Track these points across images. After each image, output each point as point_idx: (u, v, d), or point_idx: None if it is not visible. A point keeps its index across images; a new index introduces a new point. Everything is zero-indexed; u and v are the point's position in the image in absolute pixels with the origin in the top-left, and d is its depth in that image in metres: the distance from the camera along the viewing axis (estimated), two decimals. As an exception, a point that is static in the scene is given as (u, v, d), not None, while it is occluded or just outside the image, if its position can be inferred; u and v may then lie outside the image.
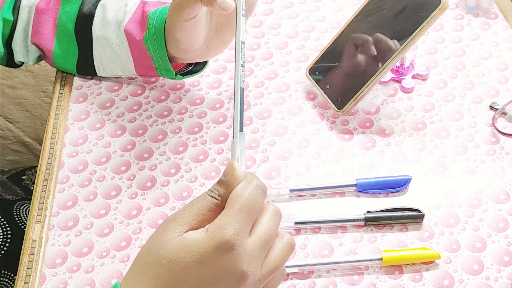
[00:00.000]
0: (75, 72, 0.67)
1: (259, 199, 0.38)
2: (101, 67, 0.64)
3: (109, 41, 0.61)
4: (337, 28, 0.71)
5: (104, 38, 0.61)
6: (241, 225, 0.37)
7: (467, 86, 0.65)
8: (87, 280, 0.52)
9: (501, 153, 0.59)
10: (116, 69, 0.64)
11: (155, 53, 0.58)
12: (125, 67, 0.63)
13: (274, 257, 0.39)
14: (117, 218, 0.56)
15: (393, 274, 0.51)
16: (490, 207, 0.54)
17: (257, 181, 0.39)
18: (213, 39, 0.58)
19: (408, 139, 0.61)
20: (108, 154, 0.61)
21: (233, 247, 0.36)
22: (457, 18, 0.72)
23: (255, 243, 0.37)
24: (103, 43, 0.62)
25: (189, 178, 0.59)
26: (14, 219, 0.80)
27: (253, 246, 0.37)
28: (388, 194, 0.56)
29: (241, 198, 0.37)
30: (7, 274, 0.77)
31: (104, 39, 0.62)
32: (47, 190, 0.58)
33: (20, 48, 0.66)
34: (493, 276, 0.50)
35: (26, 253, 0.54)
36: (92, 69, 0.65)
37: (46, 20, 0.64)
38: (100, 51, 0.63)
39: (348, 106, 0.61)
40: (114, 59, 0.63)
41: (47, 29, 0.64)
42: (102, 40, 0.62)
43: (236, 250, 0.36)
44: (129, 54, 0.61)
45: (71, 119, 0.65)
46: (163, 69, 0.60)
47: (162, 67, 0.60)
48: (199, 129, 0.63)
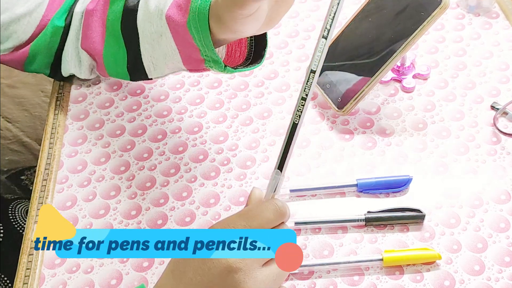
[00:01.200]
0: (128, 77, 0.60)
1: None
2: (151, 66, 0.57)
3: (153, 35, 0.54)
4: (337, 27, 0.71)
5: (149, 32, 0.55)
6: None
7: (468, 86, 0.65)
8: (86, 280, 0.52)
9: (502, 153, 0.58)
10: (166, 66, 0.57)
11: (200, 40, 0.50)
12: (173, 62, 0.55)
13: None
14: (117, 219, 0.56)
15: (394, 274, 0.50)
16: (491, 208, 0.54)
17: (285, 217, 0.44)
18: (269, 13, 0.49)
19: (409, 139, 0.60)
20: (108, 154, 0.61)
21: (241, 269, 0.39)
22: (458, 18, 0.72)
23: (267, 272, 0.41)
24: (149, 38, 0.55)
25: (188, 178, 0.59)
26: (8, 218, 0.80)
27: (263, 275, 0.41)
28: (389, 194, 0.56)
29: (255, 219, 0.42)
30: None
31: (149, 33, 0.55)
32: (46, 190, 0.58)
33: (71, 57, 0.63)
34: (494, 277, 0.50)
35: (25, 253, 0.54)
36: (143, 71, 0.58)
37: (95, 22, 0.60)
38: (147, 48, 0.56)
39: (349, 106, 0.61)
40: (162, 55, 0.55)
41: (96, 31, 0.60)
42: (147, 36, 0.55)
43: (242, 272, 0.40)
44: (174, 46, 0.53)
45: (70, 119, 0.65)
46: (211, 60, 0.52)
47: (210, 58, 0.52)
48: (198, 129, 0.63)
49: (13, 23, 0.61)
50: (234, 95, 0.66)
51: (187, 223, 0.55)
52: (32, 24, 0.62)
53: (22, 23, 0.61)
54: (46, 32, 0.62)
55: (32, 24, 0.62)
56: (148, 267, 0.52)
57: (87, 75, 0.65)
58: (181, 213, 0.56)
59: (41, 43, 0.63)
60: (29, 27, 0.62)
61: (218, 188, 0.58)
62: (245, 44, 0.56)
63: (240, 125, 0.63)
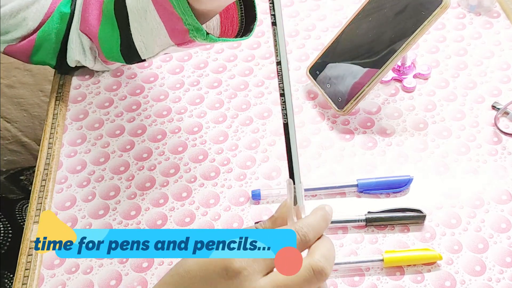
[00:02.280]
0: (123, 60, 0.61)
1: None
2: (142, 46, 0.58)
3: (140, 11, 0.55)
4: (338, 27, 0.71)
5: (136, 9, 0.56)
6: (256, 259, 0.36)
7: (469, 86, 0.64)
8: (85, 281, 0.52)
9: (503, 153, 0.58)
10: (155, 43, 0.57)
11: (179, 8, 0.51)
12: (160, 37, 0.56)
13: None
14: (116, 219, 0.56)
15: (394, 275, 0.50)
16: (492, 208, 0.54)
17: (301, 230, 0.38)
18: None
19: (410, 139, 0.60)
20: (107, 154, 0.61)
21: (238, 275, 0.36)
22: (459, 17, 0.72)
23: (266, 284, 0.36)
24: (137, 16, 0.56)
25: (188, 178, 0.58)
26: (16, 218, 0.80)
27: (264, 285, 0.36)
28: (389, 195, 0.56)
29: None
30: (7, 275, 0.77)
31: (136, 11, 0.56)
32: (45, 191, 0.58)
33: (76, 44, 0.63)
34: (495, 277, 0.49)
35: (24, 254, 0.53)
36: (135, 52, 0.59)
37: (92, 5, 0.61)
38: (136, 27, 0.57)
39: (349, 106, 0.61)
40: (149, 32, 0.56)
41: (93, 14, 0.60)
42: (135, 13, 0.56)
43: (239, 280, 0.36)
44: (159, 20, 0.54)
45: (69, 119, 0.65)
46: (194, 28, 0.52)
47: (192, 26, 0.51)
48: (198, 129, 0.63)
49: (22, 11, 0.61)
50: (234, 95, 0.66)
51: (187, 224, 0.55)
52: (41, 12, 0.63)
53: (31, 10, 0.62)
54: (52, 18, 0.63)
55: (41, 12, 0.63)
56: (147, 268, 0.52)
57: (92, 63, 0.65)
58: (180, 214, 0.56)
59: (48, 30, 0.63)
60: (38, 14, 0.62)
61: (218, 189, 0.57)
62: (237, 21, 0.56)
63: (240, 125, 0.63)
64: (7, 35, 0.63)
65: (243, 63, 0.69)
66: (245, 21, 0.56)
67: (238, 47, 0.71)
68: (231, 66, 0.69)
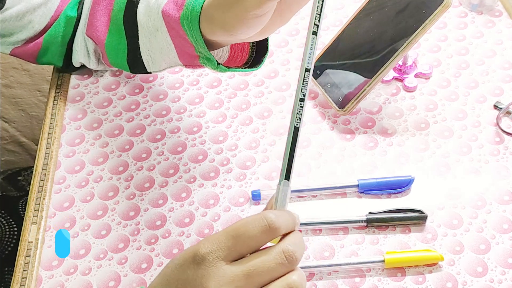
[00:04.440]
0: (128, 68, 0.60)
1: (256, 231, 0.37)
2: (149, 60, 0.58)
3: (151, 29, 0.55)
4: (338, 26, 0.70)
5: (146, 26, 0.55)
6: (220, 245, 0.37)
7: (470, 85, 0.64)
8: (84, 282, 0.51)
9: (505, 153, 0.58)
10: (162, 60, 0.57)
11: (192, 37, 0.50)
12: (169, 57, 0.55)
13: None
14: (115, 220, 0.55)
15: (396, 276, 0.50)
16: (494, 208, 0.54)
17: (267, 220, 0.37)
18: (272, 19, 0.48)
19: (411, 139, 0.60)
20: (106, 154, 0.61)
21: (204, 261, 0.37)
22: (460, 16, 0.72)
23: (235, 269, 0.36)
24: (147, 32, 0.55)
25: (187, 178, 0.58)
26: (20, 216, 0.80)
27: (230, 271, 0.36)
28: (391, 195, 0.56)
29: (235, 223, 0.38)
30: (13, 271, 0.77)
31: (147, 27, 0.55)
32: (43, 191, 0.57)
33: (80, 47, 0.63)
34: (497, 279, 0.49)
35: (22, 255, 0.53)
36: (142, 65, 0.59)
37: (100, 11, 0.60)
38: (145, 42, 0.56)
39: (350, 106, 0.60)
40: (159, 50, 0.56)
41: (101, 21, 0.60)
42: (145, 29, 0.55)
43: (205, 266, 0.37)
44: (170, 41, 0.54)
45: (67, 119, 0.64)
46: (205, 57, 0.52)
47: (203, 55, 0.51)
48: (198, 129, 0.62)
49: (28, 13, 0.62)
50: (234, 95, 0.65)
51: (186, 224, 0.54)
52: (47, 15, 0.63)
53: (38, 13, 0.62)
54: (59, 22, 0.63)
55: (47, 15, 0.63)
56: (146, 269, 0.52)
57: (95, 65, 0.65)
58: (180, 214, 0.55)
59: (55, 34, 0.63)
60: (44, 17, 0.63)
61: (217, 189, 0.57)
62: (247, 49, 0.56)
63: (240, 125, 0.62)
64: (12, 36, 0.63)
65: (243, 62, 0.69)
66: (256, 50, 0.56)
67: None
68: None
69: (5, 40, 0.63)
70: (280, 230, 0.37)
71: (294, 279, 0.37)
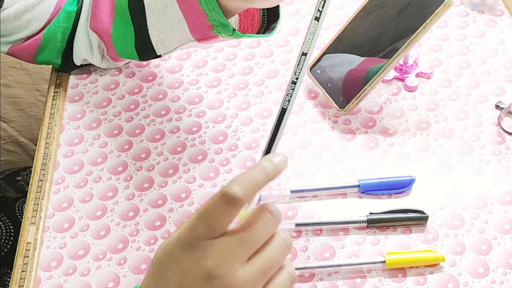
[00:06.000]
0: (137, 56, 0.60)
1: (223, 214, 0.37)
2: (159, 42, 0.57)
3: (159, 7, 0.55)
4: (339, 25, 0.70)
5: (154, 4, 0.55)
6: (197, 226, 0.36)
7: (472, 85, 0.64)
8: (83, 283, 0.51)
9: (507, 153, 0.58)
10: (173, 38, 0.56)
11: (206, 4, 0.50)
12: (181, 32, 0.55)
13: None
14: (114, 220, 0.55)
15: (397, 277, 0.50)
16: (495, 209, 0.53)
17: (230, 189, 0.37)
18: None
19: (412, 139, 0.60)
20: (105, 154, 0.60)
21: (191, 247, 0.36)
22: (461, 15, 0.71)
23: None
24: (155, 11, 0.55)
25: (187, 178, 0.58)
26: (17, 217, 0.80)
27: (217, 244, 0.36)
28: (391, 195, 0.55)
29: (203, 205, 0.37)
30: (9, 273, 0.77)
31: (155, 6, 0.55)
32: (42, 191, 0.57)
33: (83, 42, 0.63)
34: (499, 279, 0.49)
35: (20, 255, 0.53)
36: (151, 48, 0.58)
37: (103, 2, 0.60)
38: (154, 23, 0.56)
39: (350, 105, 0.60)
40: (169, 27, 0.55)
41: (104, 11, 0.60)
42: (153, 8, 0.55)
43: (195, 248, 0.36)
44: (181, 15, 0.53)
45: (66, 119, 0.64)
46: (219, 24, 0.51)
47: (218, 22, 0.51)
48: (197, 129, 0.62)
49: (27, 12, 0.61)
50: (234, 94, 0.65)
51: (186, 225, 0.54)
52: (46, 11, 0.62)
53: (37, 11, 0.62)
54: (58, 17, 0.62)
55: (46, 11, 0.62)
56: (146, 270, 0.51)
57: (99, 61, 0.65)
58: (179, 215, 0.55)
59: (54, 29, 0.63)
60: (43, 14, 0.62)
61: (217, 189, 0.57)
62: (257, 20, 0.55)
63: (240, 124, 0.62)
64: (11, 36, 0.63)
65: (243, 62, 0.68)
66: (267, 19, 0.56)
67: (237, 46, 0.70)
68: (230, 65, 0.68)
69: (5, 39, 0.63)
70: (242, 201, 0.37)
71: (293, 269, 0.38)
